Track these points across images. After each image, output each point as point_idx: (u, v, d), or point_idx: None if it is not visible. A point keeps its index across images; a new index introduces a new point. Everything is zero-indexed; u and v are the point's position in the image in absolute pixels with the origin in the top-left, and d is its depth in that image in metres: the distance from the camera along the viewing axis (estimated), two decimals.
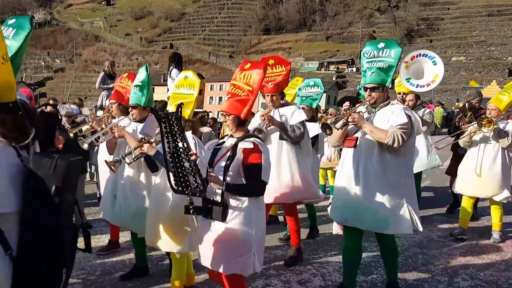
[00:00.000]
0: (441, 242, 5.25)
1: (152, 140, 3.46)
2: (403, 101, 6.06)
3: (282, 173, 4.22)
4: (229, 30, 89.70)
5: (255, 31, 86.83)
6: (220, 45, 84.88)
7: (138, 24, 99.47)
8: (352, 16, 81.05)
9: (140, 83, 3.99)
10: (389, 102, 3.42)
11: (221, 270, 2.86)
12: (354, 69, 64.46)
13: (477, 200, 5.80)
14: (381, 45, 3.47)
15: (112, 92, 4.53)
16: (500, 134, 4.97)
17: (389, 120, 3.28)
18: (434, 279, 4.20)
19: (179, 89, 3.50)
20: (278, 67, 4.25)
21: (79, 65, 78.49)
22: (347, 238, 3.59)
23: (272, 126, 4.19)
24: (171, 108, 3.47)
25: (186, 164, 2.56)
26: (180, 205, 3.20)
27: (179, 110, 2.59)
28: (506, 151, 5.12)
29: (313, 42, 76.92)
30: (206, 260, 2.93)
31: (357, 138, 3.43)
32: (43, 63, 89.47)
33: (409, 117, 3.26)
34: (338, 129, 3.51)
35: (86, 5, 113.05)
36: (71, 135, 4.64)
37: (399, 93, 6.05)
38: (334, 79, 60.00)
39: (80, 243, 1.92)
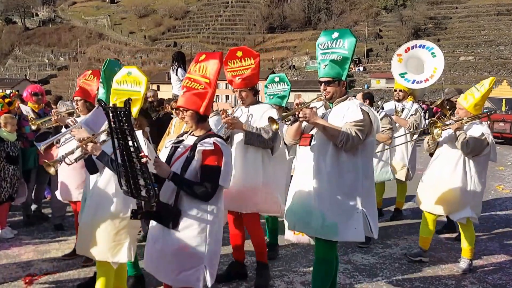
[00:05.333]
0: (449, 245, 5.15)
1: (98, 140, 3.17)
2: (398, 99, 5.77)
3: (243, 179, 3.71)
4: (233, 28, 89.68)
5: (260, 29, 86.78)
6: (224, 44, 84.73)
7: (142, 22, 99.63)
8: (358, 14, 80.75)
9: (101, 80, 3.92)
10: (347, 97, 3.14)
11: (169, 283, 2.71)
12: (361, 68, 64.20)
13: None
14: (335, 35, 3.16)
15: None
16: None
17: (344, 116, 3.02)
18: (441, 282, 4.12)
19: (121, 85, 3.18)
20: (247, 59, 3.82)
21: (83, 63, 78.39)
22: (316, 247, 3.22)
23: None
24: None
25: (137, 166, 2.37)
26: (122, 210, 3.02)
27: (127, 106, 2.30)
28: (469, 161, 4.22)
29: None
30: (154, 270, 2.76)
31: (312, 136, 3.13)
32: (47, 61, 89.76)
33: (366, 113, 3.00)
34: (287, 124, 3.31)
35: (90, 3, 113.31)
36: (34, 127, 4.59)
37: (395, 90, 5.78)
38: None
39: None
